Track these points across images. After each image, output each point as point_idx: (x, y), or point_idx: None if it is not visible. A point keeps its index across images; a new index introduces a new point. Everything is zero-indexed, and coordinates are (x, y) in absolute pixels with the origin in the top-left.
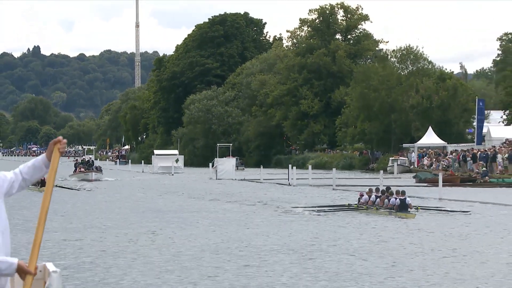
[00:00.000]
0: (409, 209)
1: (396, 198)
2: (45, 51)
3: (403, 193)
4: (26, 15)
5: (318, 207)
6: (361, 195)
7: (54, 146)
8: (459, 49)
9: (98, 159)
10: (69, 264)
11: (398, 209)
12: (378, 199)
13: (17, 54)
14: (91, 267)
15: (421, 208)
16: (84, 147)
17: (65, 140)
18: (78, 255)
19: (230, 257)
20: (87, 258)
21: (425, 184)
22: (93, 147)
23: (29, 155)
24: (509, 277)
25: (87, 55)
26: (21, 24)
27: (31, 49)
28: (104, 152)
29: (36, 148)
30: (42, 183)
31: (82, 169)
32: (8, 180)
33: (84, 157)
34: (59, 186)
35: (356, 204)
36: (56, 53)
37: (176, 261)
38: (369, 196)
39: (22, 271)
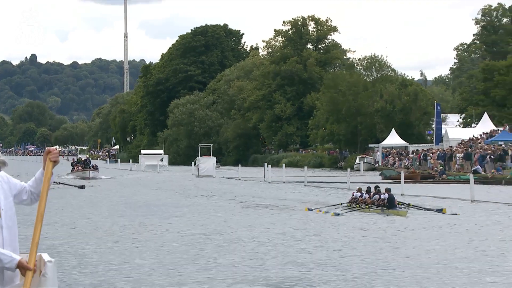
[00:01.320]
0: (397, 206)
1: (384, 194)
2: (41, 59)
3: (389, 190)
4: (24, 26)
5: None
6: (353, 195)
7: (46, 156)
8: (420, 57)
9: (90, 158)
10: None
11: (388, 205)
12: (367, 195)
13: (15, 62)
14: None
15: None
16: (77, 147)
17: (56, 150)
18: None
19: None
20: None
21: (390, 181)
22: (85, 147)
23: (26, 155)
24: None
25: (80, 63)
26: (20, 34)
27: (28, 57)
28: (95, 152)
29: (33, 148)
30: None
31: (80, 168)
32: (19, 185)
33: (80, 156)
34: (63, 184)
35: (348, 203)
36: (51, 61)
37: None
38: (361, 194)
39: (22, 267)
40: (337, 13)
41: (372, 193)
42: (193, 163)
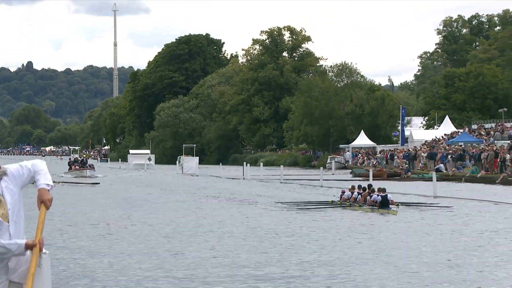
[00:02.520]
0: (390, 206)
1: (378, 195)
2: (37, 66)
3: (384, 190)
4: (22, 35)
5: (301, 203)
6: (343, 192)
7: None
8: (387, 65)
9: (87, 158)
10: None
11: (380, 206)
12: (360, 195)
13: (13, 69)
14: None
15: (401, 204)
16: (70, 147)
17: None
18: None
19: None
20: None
21: (359, 178)
22: (77, 147)
23: (23, 154)
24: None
25: (73, 69)
26: (17, 43)
27: (25, 64)
28: (87, 152)
29: (29, 148)
30: None
31: (77, 167)
32: (24, 173)
33: (76, 156)
34: (66, 182)
35: (339, 201)
36: (46, 68)
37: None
38: (352, 193)
39: (29, 246)
40: (311, 24)
41: (366, 192)
42: (177, 161)
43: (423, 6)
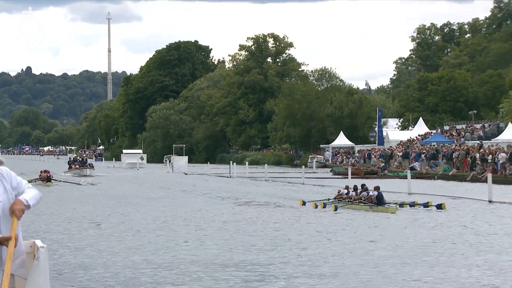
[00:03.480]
0: (386, 204)
1: (373, 193)
2: (36, 71)
3: (378, 188)
4: (21, 41)
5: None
6: (339, 191)
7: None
8: (365, 70)
9: (78, 156)
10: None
11: (376, 202)
12: (354, 192)
13: (13, 73)
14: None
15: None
16: (66, 147)
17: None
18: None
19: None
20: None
21: (339, 176)
22: (74, 147)
23: (22, 154)
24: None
25: (69, 74)
26: (17, 49)
27: (24, 69)
28: (83, 151)
29: (28, 148)
30: (48, 179)
31: (77, 166)
32: (17, 181)
33: (75, 155)
34: (64, 181)
35: (337, 199)
36: (45, 73)
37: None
38: (347, 192)
39: (2, 239)
40: (293, 31)
41: (359, 191)
42: (164, 161)
43: (398, 14)
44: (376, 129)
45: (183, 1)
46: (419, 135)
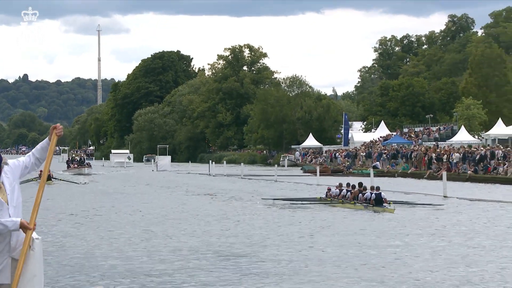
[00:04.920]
0: (384, 204)
1: (371, 193)
2: (32, 78)
3: (378, 188)
4: (19, 51)
5: (292, 199)
6: (329, 189)
7: (53, 130)
8: (332, 77)
9: (76, 156)
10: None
11: (374, 203)
12: (349, 193)
13: (11, 80)
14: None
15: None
16: (60, 148)
17: (61, 126)
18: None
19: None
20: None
21: (309, 174)
22: (66, 148)
23: (20, 154)
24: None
25: (63, 81)
26: (15, 58)
27: (21, 77)
28: (76, 151)
29: (25, 148)
30: (48, 177)
31: (76, 166)
32: (20, 166)
33: (73, 155)
34: (63, 180)
35: (329, 198)
36: (40, 79)
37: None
38: (340, 190)
39: (23, 227)
40: (267, 42)
41: (356, 189)
42: (144, 160)
43: (362, 27)
44: (342, 131)
45: (167, 15)
46: (381, 136)
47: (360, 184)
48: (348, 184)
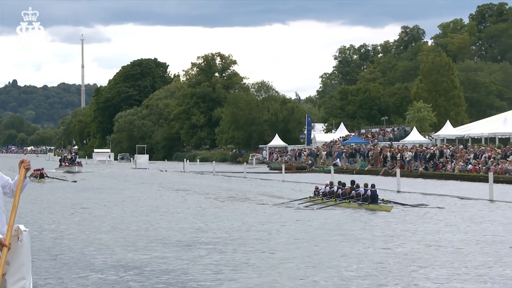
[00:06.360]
0: (379, 201)
1: (365, 190)
2: (21, 83)
3: (373, 185)
4: (9, 59)
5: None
6: (316, 188)
7: (21, 164)
8: (295, 82)
9: (56, 155)
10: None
11: (370, 201)
12: (340, 190)
13: (1, 85)
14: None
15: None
16: (46, 147)
17: (28, 160)
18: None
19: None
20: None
21: (275, 171)
22: (52, 147)
23: (9, 152)
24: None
25: (49, 86)
26: (5, 65)
27: (10, 82)
28: (60, 151)
29: (14, 148)
30: (41, 175)
31: (67, 164)
32: (5, 179)
33: (65, 154)
34: (55, 178)
35: (321, 197)
36: (28, 85)
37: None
38: (331, 188)
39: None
40: (237, 51)
41: (348, 187)
42: (119, 158)
43: (323, 37)
44: (305, 132)
45: (145, 25)
46: (340, 137)
47: (353, 182)
48: (339, 182)
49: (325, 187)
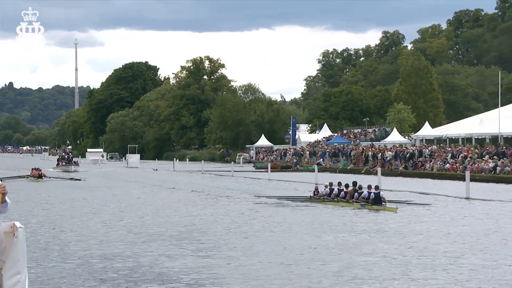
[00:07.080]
0: (383, 203)
1: (369, 192)
2: (17, 86)
3: (377, 187)
4: (5, 62)
5: (280, 197)
6: (316, 189)
7: None
8: (281, 85)
9: (51, 155)
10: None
11: (373, 203)
12: (343, 192)
13: None
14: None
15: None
16: (41, 147)
17: (4, 185)
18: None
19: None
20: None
21: (261, 170)
22: (47, 147)
23: (5, 152)
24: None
25: (44, 88)
26: (1, 67)
27: (7, 84)
28: (55, 150)
29: (10, 148)
30: (39, 175)
31: (64, 163)
32: None
33: (63, 154)
34: (55, 178)
35: (322, 197)
36: (24, 87)
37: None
38: (331, 190)
39: None
40: (225, 54)
41: (351, 188)
42: (108, 157)
43: (307, 42)
44: (290, 132)
45: (136, 30)
46: (324, 137)
47: (355, 183)
48: (339, 183)
49: (325, 188)
